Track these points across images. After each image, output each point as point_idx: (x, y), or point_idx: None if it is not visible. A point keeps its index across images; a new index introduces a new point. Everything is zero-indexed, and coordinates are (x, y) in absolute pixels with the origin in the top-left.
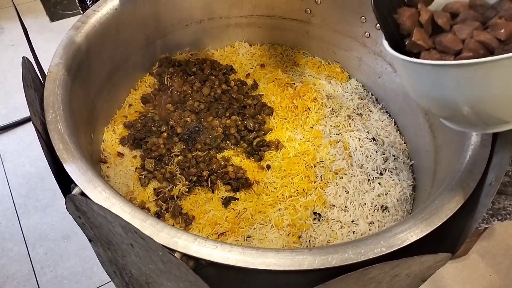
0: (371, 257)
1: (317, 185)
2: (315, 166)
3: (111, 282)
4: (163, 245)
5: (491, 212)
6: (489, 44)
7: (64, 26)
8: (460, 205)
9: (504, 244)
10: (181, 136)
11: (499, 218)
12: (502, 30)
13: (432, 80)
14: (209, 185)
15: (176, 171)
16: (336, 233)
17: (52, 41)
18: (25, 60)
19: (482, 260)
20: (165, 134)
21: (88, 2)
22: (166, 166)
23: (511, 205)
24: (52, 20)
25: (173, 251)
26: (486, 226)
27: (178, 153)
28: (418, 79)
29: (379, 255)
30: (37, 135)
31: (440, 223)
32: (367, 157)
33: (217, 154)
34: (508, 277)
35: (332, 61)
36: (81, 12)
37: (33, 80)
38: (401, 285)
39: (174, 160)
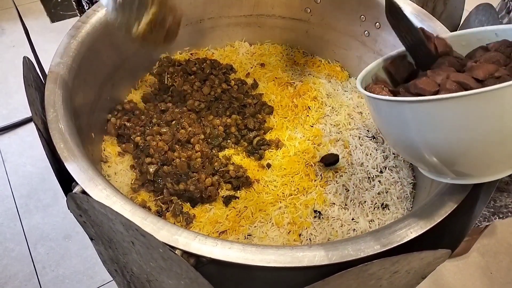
0: (370, 253)
1: (317, 184)
2: (315, 165)
3: (113, 281)
4: (164, 243)
5: (492, 210)
6: (467, 84)
7: (65, 26)
8: (459, 202)
9: (505, 242)
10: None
11: (501, 216)
12: (480, 71)
13: (391, 117)
14: None
15: None
16: (337, 231)
17: (53, 41)
18: (26, 60)
19: (483, 258)
20: (165, 137)
21: (85, 6)
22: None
23: None
24: (52, 21)
25: (174, 248)
26: (487, 223)
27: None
28: (380, 117)
29: (379, 251)
30: (38, 134)
31: (439, 220)
32: (367, 155)
33: (219, 153)
34: (509, 275)
35: (332, 60)
36: (79, 14)
37: (34, 79)
38: (401, 282)
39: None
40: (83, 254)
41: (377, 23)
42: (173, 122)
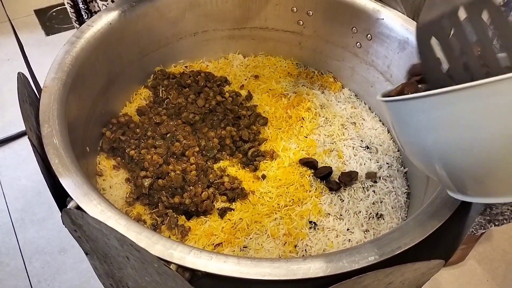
0: (365, 265)
1: (312, 194)
2: (310, 176)
3: None
4: (159, 257)
5: (488, 217)
6: None
7: (60, 40)
8: (452, 211)
9: (500, 249)
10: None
11: (496, 223)
12: None
13: (404, 119)
14: None
15: None
16: (332, 241)
17: (48, 55)
18: (21, 76)
19: (479, 266)
20: (160, 150)
21: (84, 16)
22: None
23: (508, 210)
24: (47, 34)
25: (168, 262)
26: (483, 231)
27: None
28: (397, 122)
29: (373, 263)
30: (33, 150)
31: (432, 230)
32: (361, 165)
33: (214, 165)
34: (505, 282)
35: (325, 71)
36: (77, 26)
37: (29, 95)
38: None
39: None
40: (78, 267)
41: (369, 35)
42: (168, 135)
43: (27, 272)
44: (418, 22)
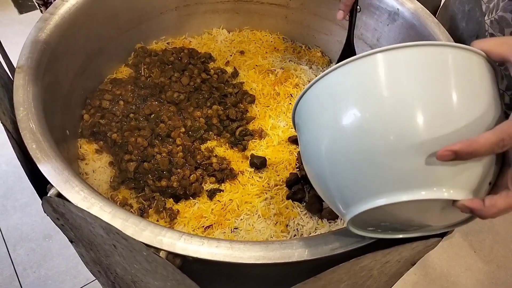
0: (361, 245)
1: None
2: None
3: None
4: (148, 244)
5: None
6: None
7: (34, 18)
8: None
9: (487, 221)
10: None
11: None
12: None
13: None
14: None
15: None
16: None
17: (22, 34)
18: None
19: (466, 238)
20: (144, 132)
21: None
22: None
23: None
24: (20, 12)
25: (158, 249)
26: None
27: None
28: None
29: (370, 242)
30: (8, 136)
31: None
32: None
33: (201, 146)
34: (492, 253)
35: (312, 46)
36: (39, 8)
37: (1, 76)
38: (391, 270)
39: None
40: (65, 253)
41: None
42: (152, 115)
43: (11, 260)
44: None
